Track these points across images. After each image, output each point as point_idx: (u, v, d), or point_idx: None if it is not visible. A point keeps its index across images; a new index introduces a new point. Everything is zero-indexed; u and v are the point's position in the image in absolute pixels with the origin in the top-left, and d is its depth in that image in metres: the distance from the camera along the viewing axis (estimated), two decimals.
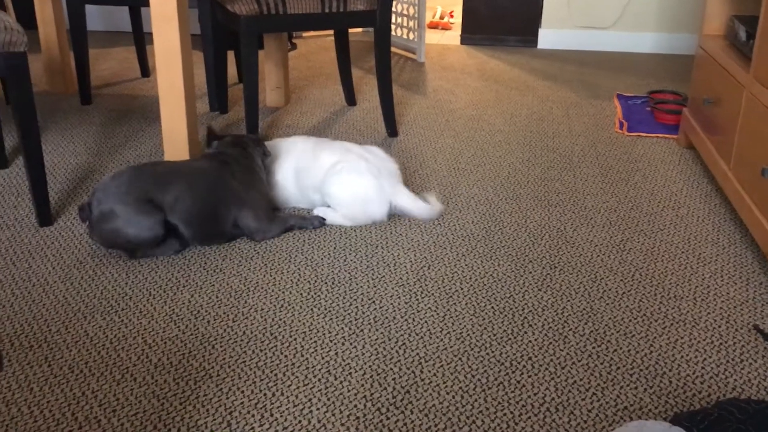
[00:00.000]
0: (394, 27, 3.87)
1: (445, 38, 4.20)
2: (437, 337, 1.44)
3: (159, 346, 1.40)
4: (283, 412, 1.24)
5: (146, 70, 3.22)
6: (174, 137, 2.00)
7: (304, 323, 1.48)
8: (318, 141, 1.97)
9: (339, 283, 1.63)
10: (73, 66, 3.06)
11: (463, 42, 4.03)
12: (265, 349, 1.40)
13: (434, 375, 1.33)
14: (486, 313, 1.52)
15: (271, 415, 1.23)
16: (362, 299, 1.57)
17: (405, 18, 3.74)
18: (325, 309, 1.53)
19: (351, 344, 1.42)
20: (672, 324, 1.50)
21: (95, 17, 4.11)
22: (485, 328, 1.47)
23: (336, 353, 1.39)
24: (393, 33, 3.90)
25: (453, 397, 1.28)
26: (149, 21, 3.77)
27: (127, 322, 1.47)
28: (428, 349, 1.40)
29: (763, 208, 1.68)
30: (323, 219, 1.87)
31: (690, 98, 2.43)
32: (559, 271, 1.69)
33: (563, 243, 1.82)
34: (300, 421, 1.22)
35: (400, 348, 1.41)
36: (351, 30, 4.25)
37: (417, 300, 1.57)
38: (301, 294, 1.58)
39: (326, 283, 1.63)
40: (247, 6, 2.18)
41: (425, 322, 1.49)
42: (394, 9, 3.79)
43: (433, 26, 4.50)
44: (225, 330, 1.45)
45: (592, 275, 1.67)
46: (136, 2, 2.78)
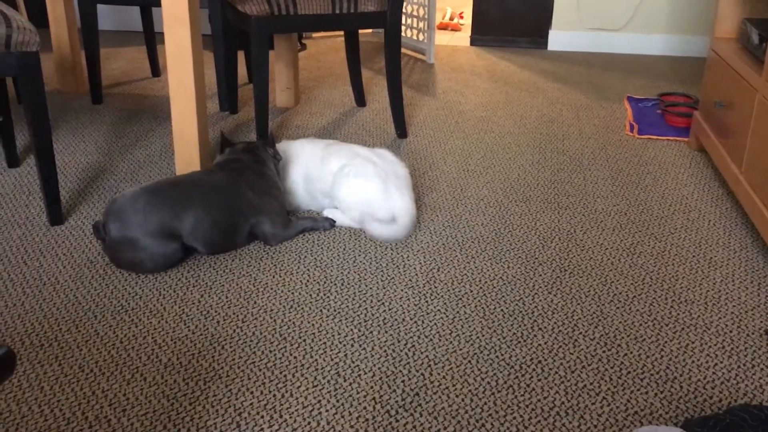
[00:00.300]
0: (403, 28, 3.86)
1: (454, 39, 4.19)
2: (446, 340, 1.44)
3: (169, 346, 1.40)
4: (292, 413, 1.24)
5: (157, 69, 3.23)
6: (184, 137, 2.00)
7: (313, 324, 1.48)
8: (326, 144, 1.97)
9: (348, 284, 1.63)
10: (85, 65, 3.07)
11: (472, 43, 4.03)
12: (275, 350, 1.40)
13: (443, 377, 1.33)
14: (495, 316, 1.52)
15: (281, 416, 1.23)
16: (371, 301, 1.57)
17: (415, 19, 3.74)
18: (335, 310, 1.53)
19: (360, 346, 1.42)
20: (683, 328, 1.49)
21: (106, 17, 4.13)
22: (495, 331, 1.47)
23: (345, 355, 1.39)
24: (403, 34, 3.90)
25: (462, 400, 1.27)
26: (160, 21, 3.78)
27: (137, 321, 1.48)
28: (437, 351, 1.40)
29: None
30: (333, 221, 1.87)
31: (701, 101, 2.42)
32: (568, 274, 1.68)
33: (573, 246, 1.81)
34: (309, 423, 1.22)
35: (409, 350, 1.41)
36: (361, 31, 4.25)
37: (426, 302, 1.56)
38: (311, 295, 1.58)
39: (335, 284, 1.63)
40: (258, 6, 2.19)
41: (434, 324, 1.49)
42: (404, 10, 3.79)
43: (443, 27, 4.49)
44: (234, 330, 1.46)
45: (602, 278, 1.67)
46: (148, 2, 2.79)
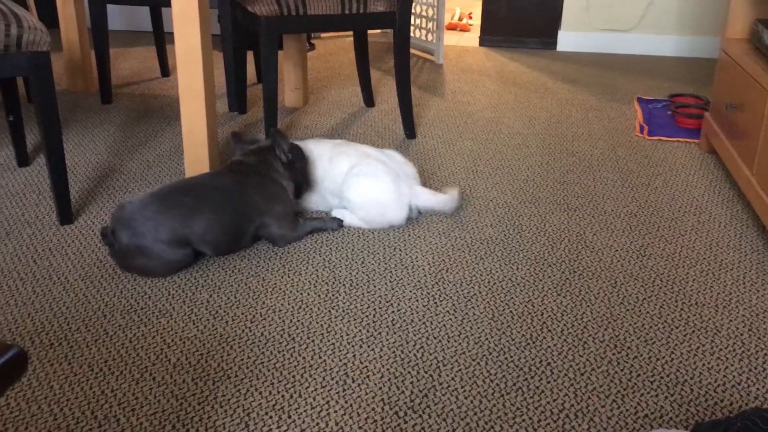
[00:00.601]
0: (412, 28, 3.86)
1: (463, 40, 4.19)
2: (455, 341, 1.43)
3: (178, 346, 1.40)
4: (300, 414, 1.24)
5: (166, 69, 3.24)
6: (194, 137, 2.01)
7: (321, 325, 1.48)
8: (335, 144, 1.97)
9: (357, 285, 1.63)
10: (94, 65, 3.08)
11: (481, 44, 4.02)
12: (283, 350, 1.40)
13: (452, 379, 1.33)
14: (504, 318, 1.51)
15: (289, 416, 1.23)
16: (380, 302, 1.56)
17: (424, 19, 3.74)
18: (343, 311, 1.53)
19: (369, 347, 1.41)
20: (693, 331, 1.48)
21: (116, 17, 4.14)
22: (504, 333, 1.46)
23: (354, 356, 1.39)
24: (411, 34, 3.89)
25: (471, 402, 1.27)
26: (170, 21, 3.79)
27: (147, 321, 1.48)
28: (446, 352, 1.40)
29: None
30: (341, 221, 1.87)
31: (712, 102, 2.41)
32: (578, 276, 1.67)
33: (582, 247, 1.80)
34: (318, 424, 1.21)
35: (418, 351, 1.40)
36: (370, 31, 4.25)
37: (435, 303, 1.56)
38: (319, 296, 1.58)
39: (344, 284, 1.63)
40: (268, 7, 2.19)
41: (443, 325, 1.48)
42: (413, 10, 3.78)
43: (452, 28, 4.49)
44: (243, 331, 1.46)
45: (612, 280, 1.66)
46: (158, 2, 2.80)
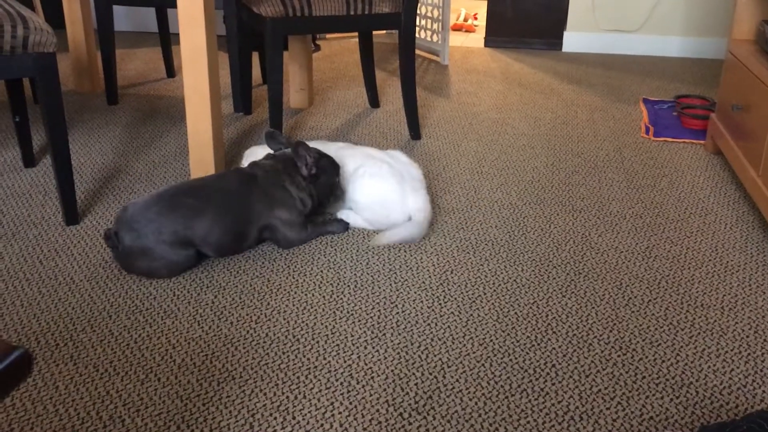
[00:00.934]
0: (418, 29, 3.86)
1: (469, 41, 4.19)
2: (460, 343, 1.43)
3: (182, 347, 1.41)
4: (305, 415, 1.24)
5: (172, 70, 3.25)
6: (199, 138, 2.01)
7: (326, 326, 1.48)
8: (339, 146, 1.96)
9: (362, 286, 1.63)
10: (100, 66, 3.09)
11: (487, 44, 4.02)
12: (288, 351, 1.40)
13: (457, 381, 1.32)
14: (509, 319, 1.51)
15: (293, 418, 1.23)
16: (385, 303, 1.56)
17: (429, 20, 3.74)
18: (348, 312, 1.53)
19: (373, 348, 1.41)
20: (699, 333, 1.48)
21: (122, 18, 4.16)
22: (508, 334, 1.46)
23: (358, 357, 1.39)
24: (417, 35, 3.89)
25: (476, 404, 1.27)
26: (175, 22, 3.80)
27: (152, 321, 1.48)
28: (451, 354, 1.40)
29: None
30: (347, 224, 1.87)
31: (718, 103, 2.40)
32: (583, 278, 1.67)
33: (588, 249, 1.80)
34: (322, 425, 1.21)
35: (422, 353, 1.40)
36: (375, 32, 4.25)
37: (440, 304, 1.56)
38: (324, 297, 1.58)
39: (349, 286, 1.63)
40: (273, 8, 2.19)
41: (448, 327, 1.48)
42: (418, 11, 3.78)
43: (457, 28, 4.48)
44: (248, 331, 1.46)
45: (617, 282, 1.65)
46: (163, 3, 2.81)
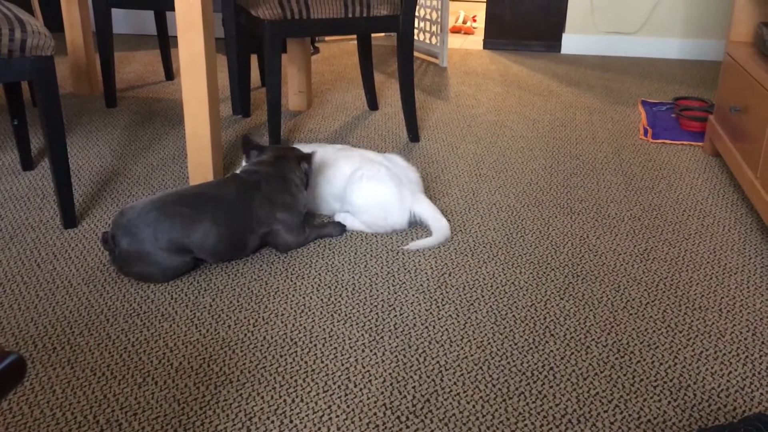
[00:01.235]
0: (416, 31, 3.86)
1: (467, 43, 4.19)
2: (458, 345, 1.43)
3: (180, 350, 1.41)
4: (302, 418, 1.24)
5: (170, 73, 3.25)
6: (197, 141, 2.01)
7: (324, 329, 1.48)
8: (337, 149, 1.96)
9: (359, 289, 1.63)
10: (99, 69, 3.09)
11: (485, 47, 4.02)
12: (285, 354, 1.40)
13: (454, 383, 1.32)
14: (507, 322, 1.51)
15: (291, 421, 1.23)
16: (383, 306, 1.56)
17: (428, 22, 3.74)
18: (346, 315, 1.53)
19: (371, 351, 1.41)
20: (697, 335, 1.47)
21: (121, 20, 4.16)
22: (506, 337, 1.46)
23: (356, 360, 1.38)
24: (416, 37, 3.90)
25: (473, 407, 1.27)
26: (174, 24, 3.80)
27: (149, 325, 1.48)
28: (449, 357, 1.40)
29: None
30: (344, 227, 1.87)
31: (716, 105, 2.40)
32: (581, 280, 1.67)
33: (586, 251, 1.80)
34: (319, 428, 1.21)
35: (420, 356, 1.40)
36: (374, 34, 4.25)
37: (437, 307, 1.56)
38: (322, 299, 1.58)
39: (347, 288, 1.62)
40: (271, 11, 2.19)
41: (446, 329, 1.48)
42: (416, 13, 3.79)
43: (456, 31, 4.49)
44: (245, 335, 1.46)
45: (616, 284, 1.65)
46: (162, 6, 2.81)
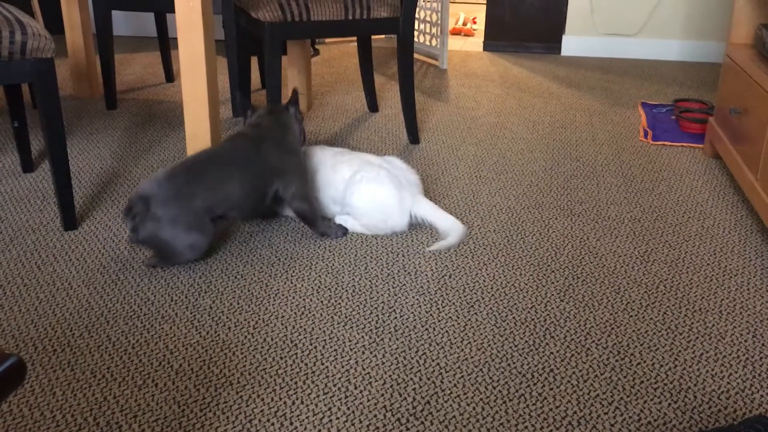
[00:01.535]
0: (416, 33, 3.86)
1: (467, 45, 4.19)
2: (458, 347, 1.43)
3: (180, 352, 1.41)
4: (302, 420, 1.24)
5: (171, 75, 3.25)
6: (197, 142, 2.01)
7: (324, 331, 1.48)
8: (336, 152, 1.96)
9: (359, 291, 1.63)
10: (99, 71, 3.09)
11: (485, 49, 4.02)
12: (285, 356, 1.40)
13: (455, 385, 1.32)
14: (507, 324, 1.51)
15: (291, 423, 1.23)
16: (383, 308, 1.56)
17: (428, 24, 3.74)
18: (346, 317, 1.53)
19: (371, 353, 1.41)
20: (697, 337, 1.47)
21: (121, 22, 4.16)
22: (506, 339, 1.46)
23: (356, 362, 1.38)
24: (415, 39, 3.90)
25: (473, 409, 1.27)
26: (174, 26, 3.80)
27: (149, 327, 1.48)
28: (449, 359, 1.40)
29: None
30: (346, 230, 1.87)
31: (716, 107, 2.40)
32: (581, 282, 1.67)
33: (586, 253, 1.80)
34: (320, 430, 1.21)
35: (420, 358, 1.40)
36: (374, 36, 4.26)
37: (438, 309, 1.56)
38: (322, 302, 1.58)
39: (347, 290, 1.62)
40: (272, 13, 2.19)
41: (446, 331, 1.48)
42: (416, 15, 3.79)
43: (456, 32, 4.49)
44: (245, 337, 1.46)
45: (616, 286, 1.65)
46: (162, 8, 2.81)
